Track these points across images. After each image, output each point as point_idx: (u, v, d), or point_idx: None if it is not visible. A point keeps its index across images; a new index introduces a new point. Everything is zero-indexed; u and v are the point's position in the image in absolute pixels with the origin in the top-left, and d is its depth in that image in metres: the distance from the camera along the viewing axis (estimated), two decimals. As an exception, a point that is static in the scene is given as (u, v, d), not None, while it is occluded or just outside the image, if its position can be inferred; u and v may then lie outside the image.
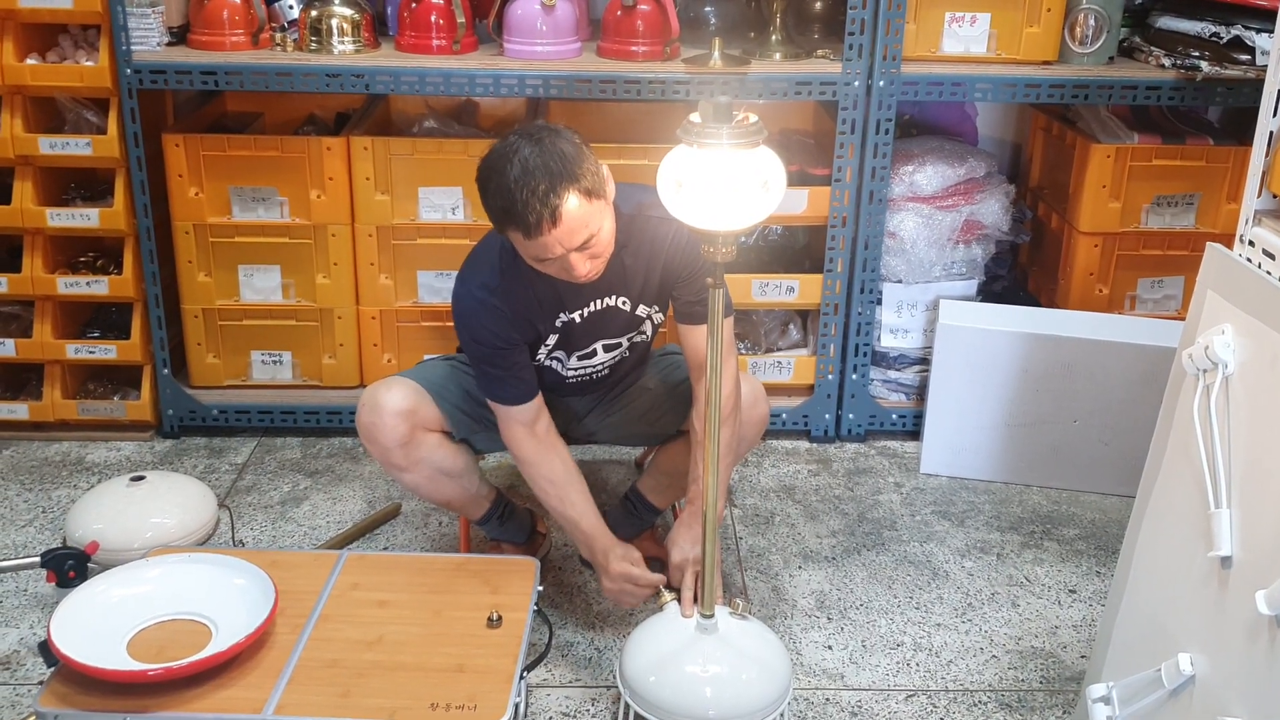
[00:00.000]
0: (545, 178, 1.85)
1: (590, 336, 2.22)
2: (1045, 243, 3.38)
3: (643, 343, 2.34)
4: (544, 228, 1.87)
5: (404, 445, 2.17)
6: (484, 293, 2.10)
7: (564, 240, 1.90)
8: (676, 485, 2.41)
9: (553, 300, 2.14)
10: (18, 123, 2.86)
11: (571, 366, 2.28)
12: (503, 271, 2.10)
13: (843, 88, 2.86)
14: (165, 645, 1.74)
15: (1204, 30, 2.87)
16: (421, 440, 2.20)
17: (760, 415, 2.36)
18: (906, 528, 2.81)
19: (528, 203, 1.85)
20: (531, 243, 1.91)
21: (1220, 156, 3.04)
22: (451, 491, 2.30)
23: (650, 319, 2.26)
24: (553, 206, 1.86)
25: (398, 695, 1.69)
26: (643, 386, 2.42)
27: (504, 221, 1.92)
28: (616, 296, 2.17)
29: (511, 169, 1.86)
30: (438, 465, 2.23)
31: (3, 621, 2.39)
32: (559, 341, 2.21)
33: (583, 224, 1.90)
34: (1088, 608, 2.53)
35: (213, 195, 2.96)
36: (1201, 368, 1.72)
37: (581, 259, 1.94)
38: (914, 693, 2.27)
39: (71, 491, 2.86)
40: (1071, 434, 2.94)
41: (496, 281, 2.10)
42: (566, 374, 2.29)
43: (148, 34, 2.83)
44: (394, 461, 2.19)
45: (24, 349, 3.03)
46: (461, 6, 2.89)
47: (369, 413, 2.18)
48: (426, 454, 2.21)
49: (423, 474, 2.23)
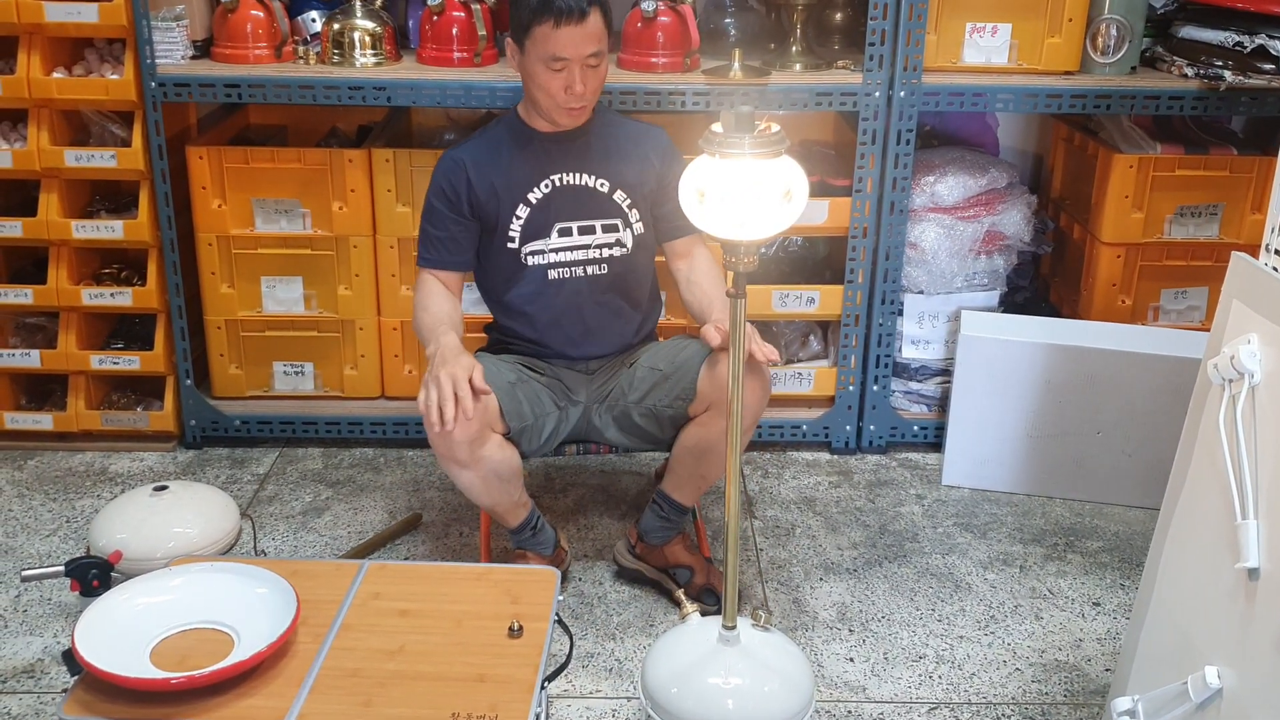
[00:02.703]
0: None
1: (566, 213, 2.41)
2: (1067, 253, 3.36)
3: (624, 257, 2.44)
4: (573, 19, 2.20)
5: (472, 442, 2.21)
6: (457, 151, 2.40)
7: (580, 43, 2.23)
8: (697, 473, 2.41)
9: (524, 167, 2.37)
10: (44, 135, 2.89)
11: (553, 250, 2.40)
12: (484, 134, 2.42)
13: (863, 98, 2.85)
14: (188, 654, 1.75)
15: (1227, 39, 2.86)
16: (487, 439, 2.25)
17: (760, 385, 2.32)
18: (928, 540, 2.79)
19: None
20: (556, 34, 2.21)
21: (1244, 166, 3.02)
22: (499, 494, 2.34)
23: (626, 216, 2.43)
24: (582, 8, 2.21)
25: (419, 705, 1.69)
26: (649, 366, 2.42)
27: (540, 11, 2.21)
28: (593, 176, 2.41)
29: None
30: (495, 467, 2.28)
31: (27, 630, 2.41)
32: (532, 215, 2.38)
33: (598, 37, 2.25)
34: (1112, 620, 2.51)
35: (236, 207, 2.98)
36: (1227, 378, 1.71)
37: (582, 75, 2.25)
38: (936, 705, 2.25)
39: (95, 501, 2.87)
40: (1094, 445, 2.92)
41: (476, 144, 2.40)
42: (549, 265, 2.40)
43: (172, 47, 2.85)
44: (458, 456, 2.23)
45: (49, 360, 3.05)
46: (483, 19, 2.90)
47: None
48: (488, 454, 2.26)
49: (480, 472, 2.27)
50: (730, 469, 1.92)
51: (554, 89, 2.27)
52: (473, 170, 2.37)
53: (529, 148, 2.39)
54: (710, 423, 2.31)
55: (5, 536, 2.73)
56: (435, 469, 3.05)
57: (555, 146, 2.39)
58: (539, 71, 2.27)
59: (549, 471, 3.05)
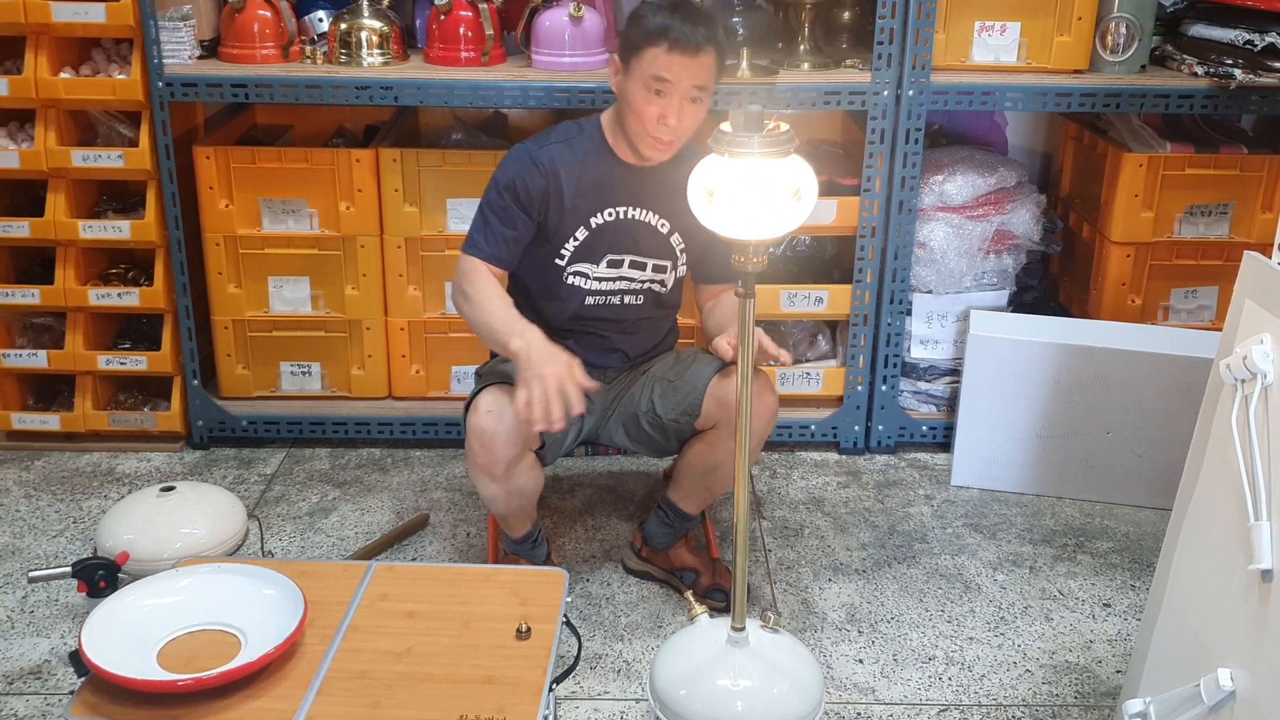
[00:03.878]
0: (708, 24, 2.19)
1: (621, 246, 2.34)
2: (1077, 253, 3.35)
3: (662, 294, 2.41)
4: (689, 49, 2.13)
5: (511, 461, 2.21)
6: (542, 152, 2.28)
7: (689, 74, 2.15)
8: (703, 486, 2.41)
9: (595, 190, 2.29)
10: (51, 136, 2.89)
11: (596, 278, 2.34)
12: (569, 142, 2.30)
13: (871, 97, 2.84)
14: (195, 655, 1.74)
15: (1237, 38, 2.84)
16: (525, 459, 2.25)
17: (767, 405, 2.31)
18: (937, 540, 2.78)
19: (689, 27, 2.14)
20: (670, 58, 2.13)
21: (1254, 165, 3.01)
22: (515, 507, 2.34)
23: (676, 259, 2.40)
24: (701, 40, 2.15)
25: (427, 707, 1.69)
26: (659, 375, 2.42)
27: (656, 35, 2.14)
28: (656, 215, 2.34)
29: (683, 9, 2.17)
30: (522, 485, 2.29)
31: (34, 631, 2.40)
32: (589, 240, 2.31)
33: (707, 74, 2.18)
34: (1122, 621, 2.50)
35: (243, 207, 2.97)
36: (1240, 377, 1.70)
37: (679, 107, 2.17)
38: (946, 707, 2.24)
39: (102, 502, 2.87)
40: (1104, 446, 2.90)
41: (561, 151, 2.28)
42: (589, 290, 2.34)
43: (179, 47, 2.85)
44: (495, 473, 2.22)
45: (56, 360, 3.05)
46: (490, 18, 2.89)
47: (495, 420, 2.18)
48: (521, 472, 2.26)
49: (507, 488, 2.27)
50: (739, 474, 1.91)
51: (648, 115, 2.19)
52: (556, 180, 2.27)
53: (607, 171, 2.30)
54: (718, 441, 2.30)
55: (12, 537, 2.73)
56: (443, 469, 3.05)
57: (631, 178, 2.31)
58: (637, 93, 2.18)
59: (557, 472, 3.04)
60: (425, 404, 3.14)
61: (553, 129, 2.35)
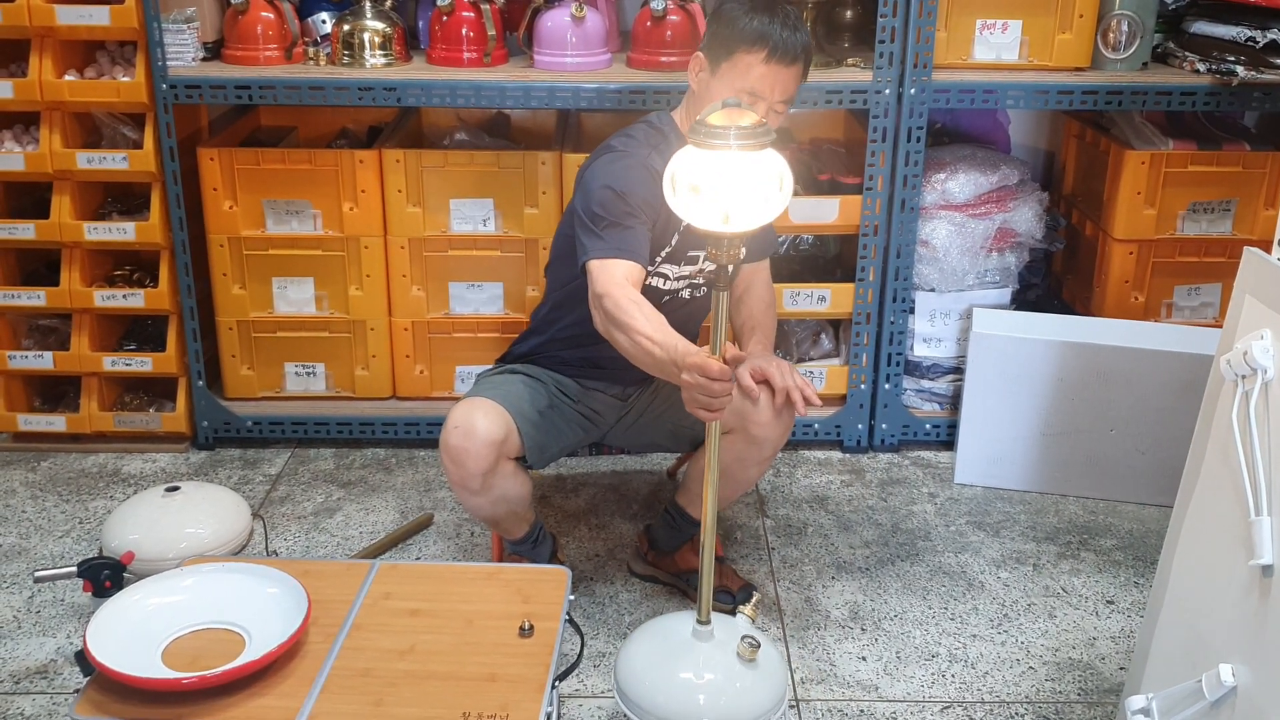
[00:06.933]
0: (804, 37, 2.14)
1: (698, 243, 2.28)
2: (1079, 250, 3.35)
3: (708, 290, 2.36)
4: (783, 58, 2.09)
5: (487, 474, 2.18)
6: (649, 160, 2.19)
7: (781, 86, 2.12)
8: None
9: None
10: (56, 138, 2.90)
11: (673, 278, 2.32)
12: (657, 148, 2.22)
13: (873, 96, 2.85)
14: (199, 654, 1.75)
15: (1239, 34, 2.84)
16: (501, 469, 2.21)
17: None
18: (941, 538, 2.78)
19: (788, 33, 2.10)
20: (766, 68, 2.09)
21: (1257, 162, 3.00)
22: (503, 513, 2.32)
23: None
24: (799, 50, 2.12)
25: (430, 705, 1.69)
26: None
27: (754, 40, 2.09)
28: None
29: (781, 13, 2.11)
30: (505, 493, 2.25)
31: (40, 631, 2.41)
32: (680, 244, 2.27)
33: (795, 86, 2.16)
34: (1126, 619, 2.50)
35: (247, 208, 2.98)
36: (1240, 373, 1.70)
37: (765, 118, 2.06)
38: (949, 704, 2.24)
39: (108, 502, 2.88)
40: (1108, 443, 2.90)
41: (652, 152, 2.21)
42: (665, 290, 2.32)
43: (183, 49, 2.86)
44: (471, 486, 2.20)
45: (62, 361, 3.06)
46: (492, 19, 2.90)
47: (462, 437, 2.16)
48: (500, 482, 2.22)
49: (489, 498, 2.24)
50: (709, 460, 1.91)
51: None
52: (660, 178, 2.15)
53: None
54: (730, 447, 2.28)
55: (19, 538, 2.74)
56: (446, 469, 3.05)
57: None
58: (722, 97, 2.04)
59: (560, 472, 3.05)
60: (429, 404, 3.15)
61: (633, 132, 2.28)
